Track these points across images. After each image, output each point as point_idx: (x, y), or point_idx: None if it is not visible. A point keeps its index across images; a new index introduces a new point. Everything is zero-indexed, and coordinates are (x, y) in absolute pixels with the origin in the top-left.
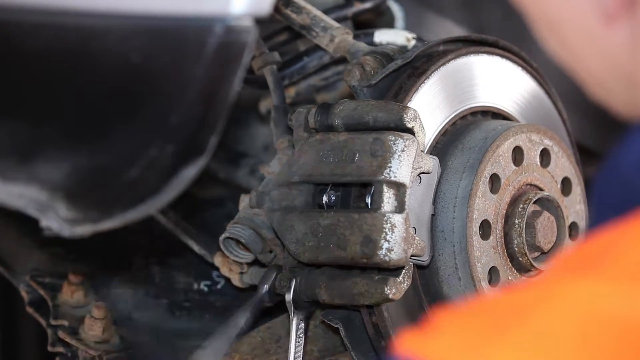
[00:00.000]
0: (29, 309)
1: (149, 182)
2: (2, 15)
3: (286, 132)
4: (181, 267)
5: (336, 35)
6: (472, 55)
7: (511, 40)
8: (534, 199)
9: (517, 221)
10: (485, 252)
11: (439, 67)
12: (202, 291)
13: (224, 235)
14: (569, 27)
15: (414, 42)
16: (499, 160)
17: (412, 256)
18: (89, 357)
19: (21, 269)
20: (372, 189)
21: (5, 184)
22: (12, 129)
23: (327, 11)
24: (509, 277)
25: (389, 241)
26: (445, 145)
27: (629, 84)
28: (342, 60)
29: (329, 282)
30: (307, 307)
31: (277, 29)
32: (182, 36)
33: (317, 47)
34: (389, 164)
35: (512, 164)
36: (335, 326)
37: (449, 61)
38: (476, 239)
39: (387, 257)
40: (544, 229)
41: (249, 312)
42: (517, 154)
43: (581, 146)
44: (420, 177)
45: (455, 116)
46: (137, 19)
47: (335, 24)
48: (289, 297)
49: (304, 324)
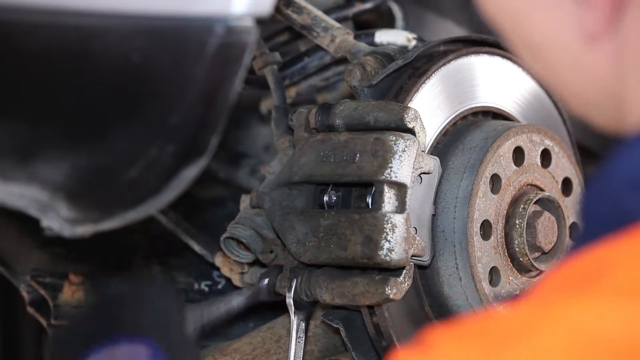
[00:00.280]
0: (29, 309)
1: (149, 182)
2: (1, 15)
3: (287, 132)
4: (182, 267)
5: (337, 35)
6: (472, 55)
7: None
8: (535, 199)
9: (517, 221)
10: (486, 253)
11: (440, 67)
12: (203, 291)
13: (224, 235)
14: (551, 50)
15: (414, 43)
16: (500, 160)
17: (412, 256)
18: None
19: (22, 269)
20: (373, 189)
21: (5, 183)
22: (12, 129)
23: (327, 11)
24: (510, 277)
25: (389, 241)
26: (446, 145)
27: (615, 102)
28: (343, 60)
29: (330, 282)
30: (307, 307)
31: (277, 29)
32: (182, 36)
33: (318, 48)
34: (390, 164)
35: (513, 164)
36: (335, 326)
37: (449, 61)
38: (477, 239)
39: (387, 257)
40: (544, 229)
41: (244, 297)
42: (518, 154)
43: (582, 146)
44: (421, 177)
45: (456, 116)
46: (137, 19)
47: (336, 24)
48: (289, 297)
49: (304, 324)
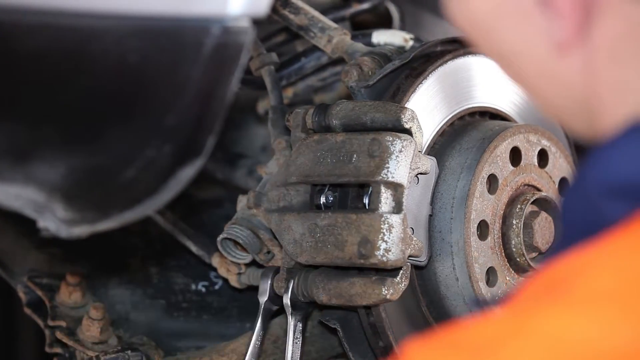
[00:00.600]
0: (26, 310)
1: (146, 183)
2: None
3: (284, 133)
4: (179, 267)
5: (334, 35)
6: (469, 55)
7: None
8: (532, 200)
9: (514, 221)
10: (482, 253)
11: (437, 67)
12: (200, 292)
13: (221, 235)
14: (522, 59)
15: (411, 43)
16: (497, 160)
17: (409, 257)
18: (86, 358)
19: (19, 270)
20: (370, 189)
21: (2, 184)
22: (9, 130)
23: (324, 12)
24: (507, 278)
25: (386, 242)
26: (443, 145)
27: (586, 109)
28: (340, 60)
29: (327, 283)
30: (304, 307)
31: (274, 29)
32: (179, 37)
33: (315, 48)
34: (387, 165)
35: (510, 165)
36: (333, 327)
37: (446, 62)
38: (474, 239)
39: (384, 258)
40: (541, 229)
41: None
42: (515, 155)
43: (579, 147)
44: (417, 177)
45: (453, 117)
46: (135, 20)
47: (333, 24)
48: (286, 297)
49: (301, 325)
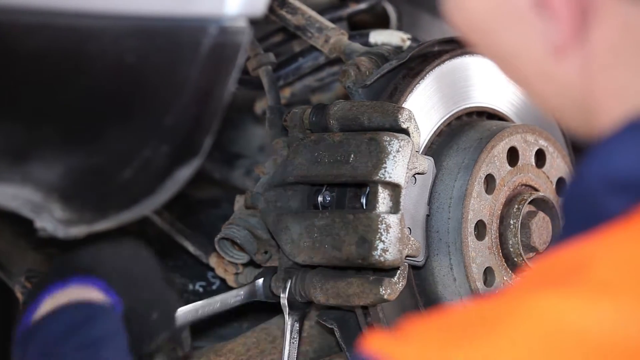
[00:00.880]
0: None
1: (143, 183)
2: None
3: (281, 133)
4: (176, 267)
5: (331, 36)
6: (467, 55)
7: None
8: (529, 200)
9: (512, 221)
10: (480, 253)
11: (434, 67)
12: (197, 292)
13: (219, 236)
14: (519, 60)
15: (409, 43)
16: (494, 160)
17: (407, 257)
18: None
19: (16, 270)
20: (367, 189)
21: (0, 184)
22: (6, 130)
23: (322, 12)
24: (504, 278)
25: (384, 242)
26: (440, 145)
27: (583, 109)
28: (337, 61)
29: (324, 283)
30: (302, 307)
31: (272, 29)
32: (176, 37)
33: (312, 48)
34: (384, 165)
35: (507, 165)
36: (330, 327)
37: (444, 62)
38: (471, 239)
39: (382, 258)
40: (539, 229)
41: (240, 296)
42: (512, 155)
43: (576, 146)
44: (415, 177)
45: (450, 117)
46: (132, 20)
47: (330, 24)
48: (283, 297)
49: (298, 325)
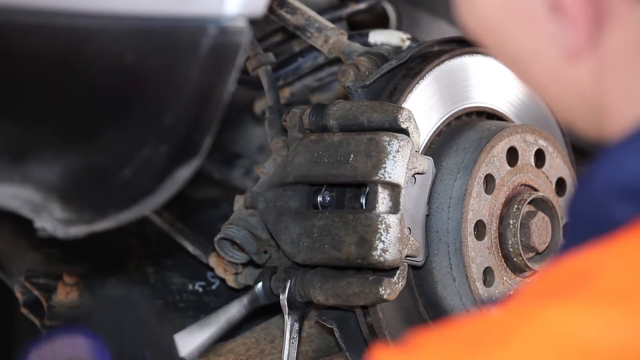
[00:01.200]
0: (24, 310)
1: (143, 183)
2: None
3: (281, 133)
4: (176, 267)
5: (331, 35)
6: (466, 55)
7: None
8: (529, 200)
9: (511, 222)
10: (479, 253)
11: (434, 67)
12: (197, 292)
13: (218, 236)
14: (532, 64)
15: (408, 43)
16: (494, 160)
17: (406, 257)
18: None
19: (16, 270)
20: (367, 189)
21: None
22: (6, 130)
23: (321, 12)
24: (504, 278)
25: (383, 242)
26: (439, 145)
27: (596, 112)
28: (337, 60)
29: (324, 283)
30: (301, 307)
31: (271, 29)
32: (176, 37)
33: (312, 48)
34: (384, 165)
35: (507, 165)
36: (329, 327)
37: (443, 62)
38: (471, 239)
39: (381, 258)
40: (538, 229)
41: (243, 306)
42: (512, 155)
43: (576, 146)
44: (414, 177)
45: (449, 117)
46: (131, 20)
47: (329, 24)
48: (283, 297)
49: (298, 325)
